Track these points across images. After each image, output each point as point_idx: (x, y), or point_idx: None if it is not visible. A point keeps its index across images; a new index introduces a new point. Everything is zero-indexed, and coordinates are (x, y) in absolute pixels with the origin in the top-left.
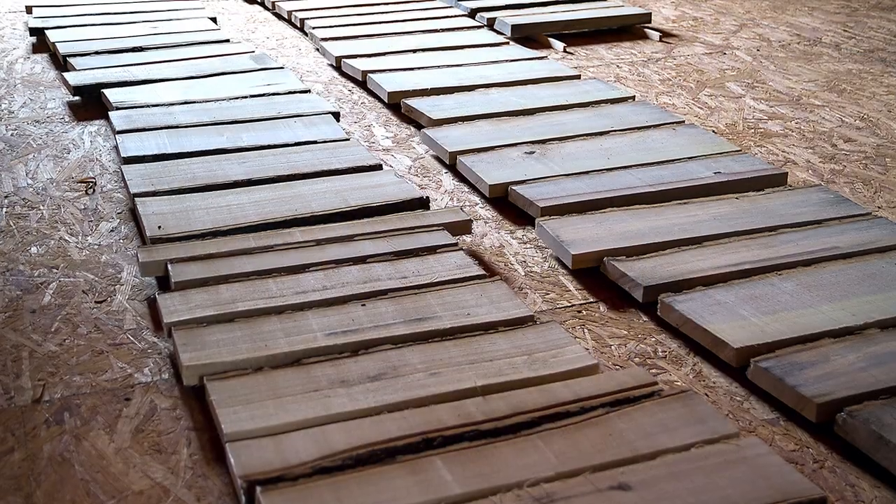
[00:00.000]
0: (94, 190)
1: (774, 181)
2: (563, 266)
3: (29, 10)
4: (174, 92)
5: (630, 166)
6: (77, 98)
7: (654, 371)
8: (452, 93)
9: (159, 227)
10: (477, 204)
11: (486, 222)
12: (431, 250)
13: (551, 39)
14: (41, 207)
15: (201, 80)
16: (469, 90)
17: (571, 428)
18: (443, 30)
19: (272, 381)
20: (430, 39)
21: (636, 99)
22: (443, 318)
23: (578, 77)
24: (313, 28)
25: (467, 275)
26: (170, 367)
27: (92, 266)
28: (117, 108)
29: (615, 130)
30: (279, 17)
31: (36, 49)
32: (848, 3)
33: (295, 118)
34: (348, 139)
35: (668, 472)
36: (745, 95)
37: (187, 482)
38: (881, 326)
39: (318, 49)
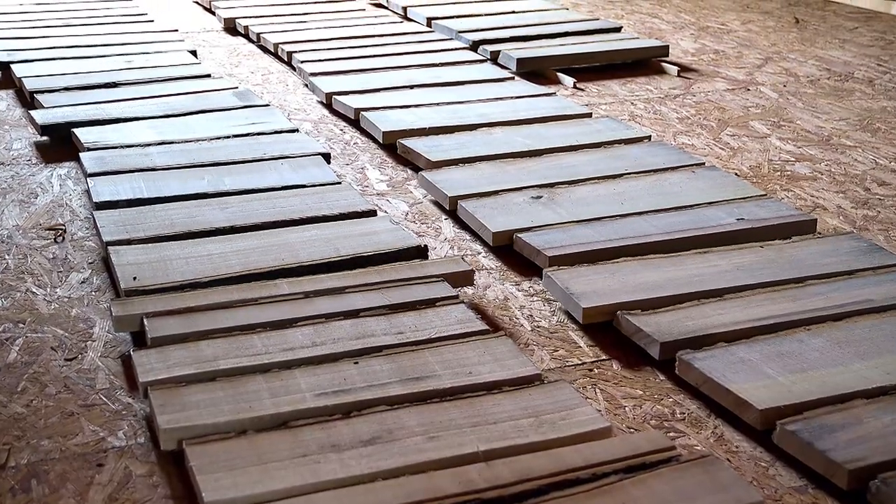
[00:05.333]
0: (63, 238)
1: (802, 228)
2: (573, 320)
3: None
4: (150, 131)
5: (645, 212)
6: (45, 138)
7: (671, 434)
8: (453, 132)
9: (134, 279)
10: (479, 253)
11: (489, 273)
12: (430, 303)
13: (560, 74)
14: (6, 257)
15: (180, 118)
16: (471, 129)
17: (582, 496)
18: (442, 64)
19: (257, 445)
20: (428, 74)
21: (652, 139)
22: (442, 378)
23: (590, 115)
24: (302, 62)
25: (469, 330)
26: (146, 430)
27: (61, 320)
28: (89, 149)
29: (629, 173)
30: (265, 50)
31: (0, 85)
32: (882, 36)
33: (282, 160)
34: (340, 182)
35: None
36: (770, 135)
37: None
38: None
39: (306, 85)
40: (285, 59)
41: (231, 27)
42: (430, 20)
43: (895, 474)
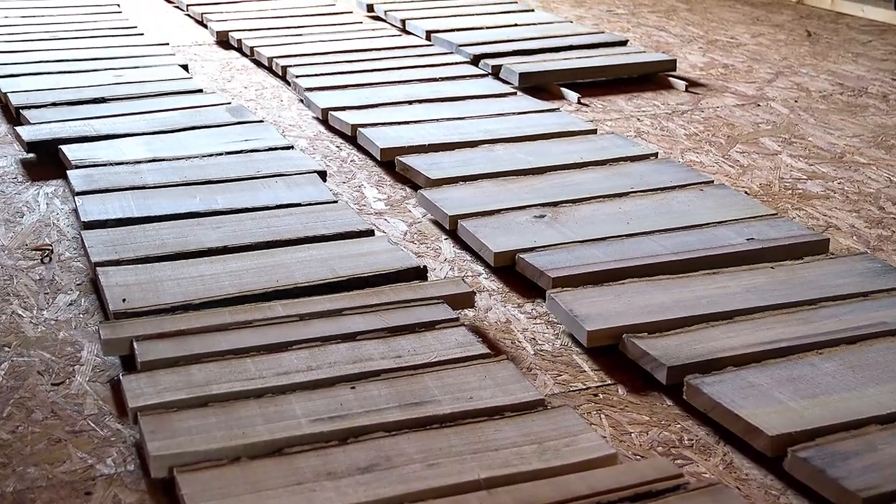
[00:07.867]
0: (50, 258)
1: (814, 248)
2: (578, 344)
3: None
4: (140, 148)
5: (652, 232)
6: (31, 155)
7: (679, 462)
8: (453, 149)
9: (124, 301)
10: (480, 274)
11: (490, 295)
12: (429, 326)
13: (564, 89)
14: None
15: (171, 134)
16: (472, 146)
17: None
18: (442, 78)
19: (250, 472)
20: (427, 89)
21: (659, 156)
22: (442, 403)
23: (594, 131)
24: (297, 77)
25: (470, 354)
26: (136, 457)
27: (48, 344)
28: (77, 167)
29: (635, 191)
30: (258, 64)
31: None
32: None
33: (276, 178)
34: (336, 201)
35: None
36: (781, 152)
37: None
38: None
39: (302, 100)
40: (280, 73)
41: (224, 41)
42: (429, 33)
43: None
